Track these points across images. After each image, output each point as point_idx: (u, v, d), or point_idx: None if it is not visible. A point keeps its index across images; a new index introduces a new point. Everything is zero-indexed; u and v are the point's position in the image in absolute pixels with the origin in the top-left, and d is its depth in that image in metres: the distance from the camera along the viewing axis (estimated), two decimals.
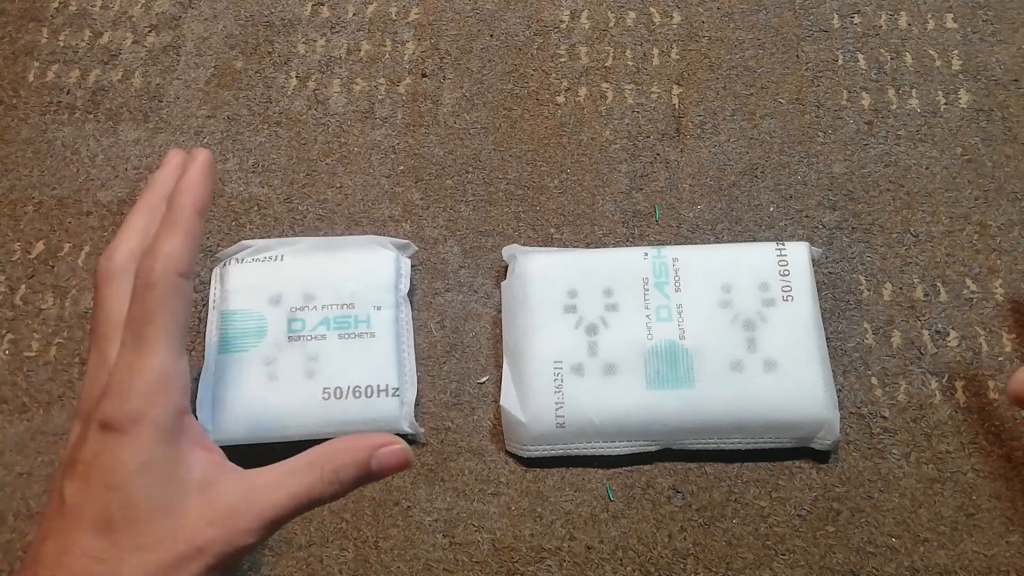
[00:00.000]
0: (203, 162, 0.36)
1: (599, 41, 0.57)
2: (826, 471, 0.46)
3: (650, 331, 0.46)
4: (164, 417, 0.32)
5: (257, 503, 0.32)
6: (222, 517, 0.32)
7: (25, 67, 0.58)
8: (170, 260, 0.34)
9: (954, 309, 0.49)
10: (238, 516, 0.32)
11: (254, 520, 0.32)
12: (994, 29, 0.56)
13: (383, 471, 0.34)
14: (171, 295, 0.33)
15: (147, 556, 0.31)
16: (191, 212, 0.35)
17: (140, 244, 0.36)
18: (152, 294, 0.33)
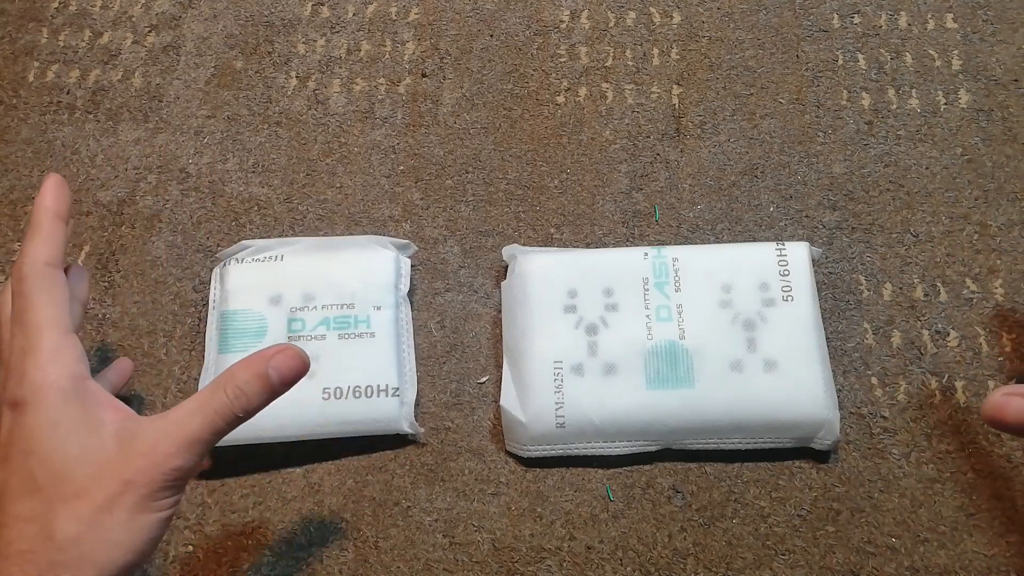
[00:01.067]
0: (53, 179, 0.40)
1: (599, 41, 0.57)
2: (826, 471, 0.46)
3: (650, 331, 0.46)
4: (63, 381, 0.35)
5: (174, 431, 0.34)
6: (144, 451, 0.34)
7: (25, 67, 0.58)
8: (33, 254, 0.37)
9: (954, 309, 0.49)
10: (159, 445, 0.34)
11: (175, 444, 0.34)
12: (994, 29, 0.56)
13: (282, 377, 0.36)
14: (42, 282, 0.37)
15: (76, 503, 0.33)
16: (48, 217, 0.39)
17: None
18: (26, 284, 0.37)
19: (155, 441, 0.34)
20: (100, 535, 0.32)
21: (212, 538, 0.45)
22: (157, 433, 0.34)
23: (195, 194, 0.53)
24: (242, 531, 0.45)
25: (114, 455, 0.34)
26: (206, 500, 0.46)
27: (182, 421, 0.35)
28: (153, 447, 0.34)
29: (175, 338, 0.50)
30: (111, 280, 0.51)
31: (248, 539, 0.45)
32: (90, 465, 0.33)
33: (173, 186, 0.54)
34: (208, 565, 0.45)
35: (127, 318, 0.50)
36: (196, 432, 0.34)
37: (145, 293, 0.51)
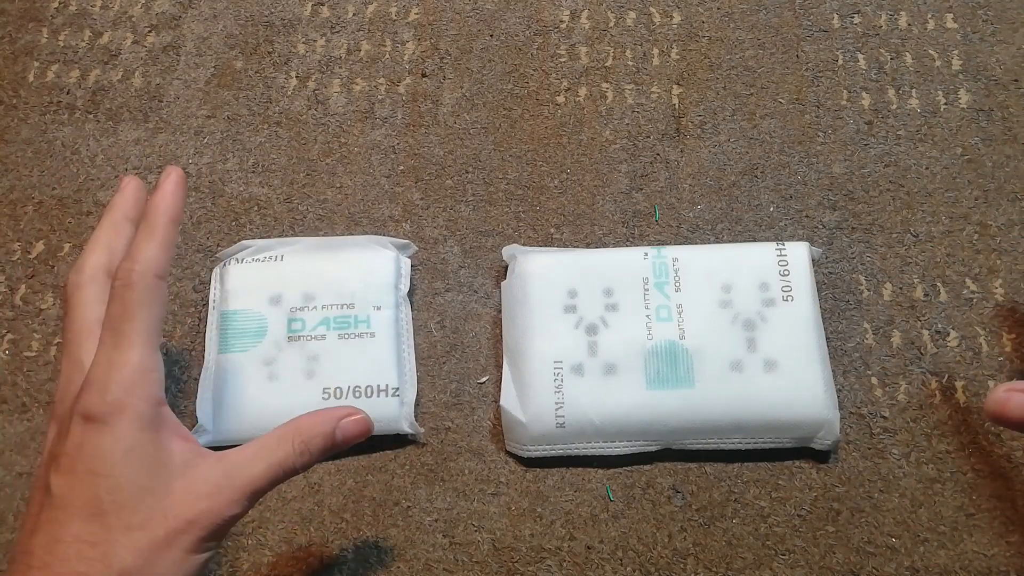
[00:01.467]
0: (176, 178, 0.38)
1: (599, 41, 0.57)
2: (826, 471, 0.46)
3: (650, 331, 0.46)
4: (144, 406, 0.34)
5: (238, 477, 0.34)
6: (208, 492, 0.34)
7: (25, 67, 0.58)
8: (148, 263, 0.36)
9: (954, 309, 0.49)
10: (222, 490, 0.34)
11: (237, 492, 0.34)
12: (994, 29, 0.56)
13: (347, 440, 0.37)
14: (148, 295, 0.35)
15: (138, 535, 0.32)
16: (166, 220, 0.37)
17: (106, 258, 0.39)
18: (131, 294, 0.35)
19: (218, 485, 0.34)
20: (154, 570, 0.32)
21: None
22: (220, 477, 0.34)
23: (195, 194, 0.53)
24: (242, 531, 0.45)
25: (180, 492, 0.33)
26: None
27: (245, 466, 0.35)
28: (217, 491, 0.34)
29: (175, 338, 0.50)
30: None
31: (248, 539, 0.45)
32: (156, 500, 0.33)
33: None
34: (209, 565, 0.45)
35: None
36: (257, 480, 0.35)
37: None
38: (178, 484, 0.34)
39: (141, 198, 0.41)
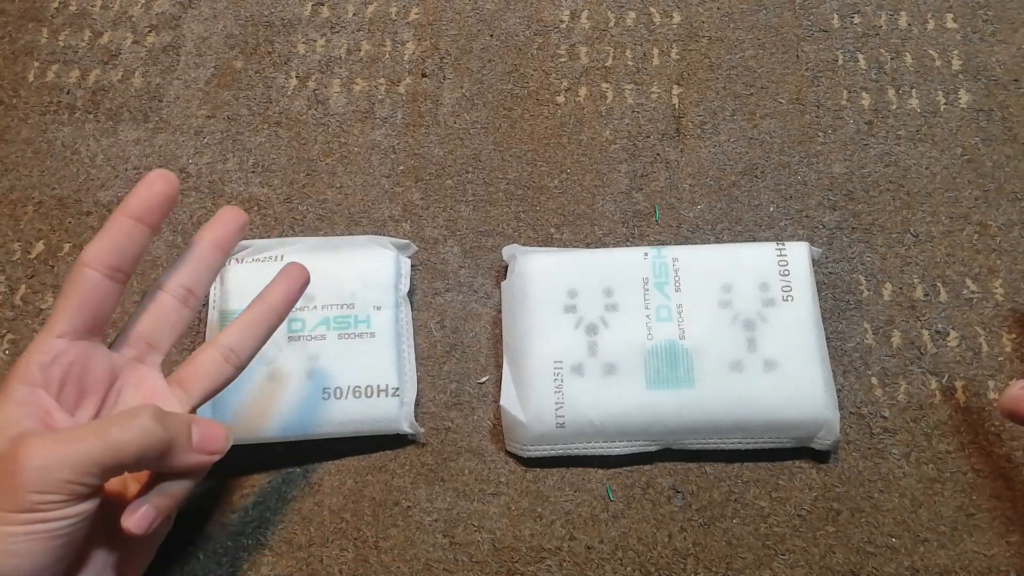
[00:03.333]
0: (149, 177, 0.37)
1: (599, 41, 0.57)
2: (826, 471, 0.46)
3: (650, 331, 0.46)
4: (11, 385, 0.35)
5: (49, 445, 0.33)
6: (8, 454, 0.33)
7: (25, 67, 0.58)
8: (83, 252, 0.36)
9: (954, 309, 0.49)
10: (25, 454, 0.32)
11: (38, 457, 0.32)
12: (994, 29, 0.56)
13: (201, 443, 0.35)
14: (70, 282, 0.36)
15: None
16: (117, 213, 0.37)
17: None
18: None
19: (24, 448, 0.31)
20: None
21: (212, 538, 0.45)
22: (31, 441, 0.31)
23: (195, 194, 0.53)
24: (242, 531, 0.45)
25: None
26: (206, 500, 0.46)
27: (71, 432, 0.32)
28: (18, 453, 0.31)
29: None
30: None
31: (248, 539, 0.45)
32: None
33: None
34: (208, 565, 0.45)
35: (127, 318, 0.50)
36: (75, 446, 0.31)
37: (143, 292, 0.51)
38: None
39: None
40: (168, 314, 0.39)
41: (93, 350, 0.36)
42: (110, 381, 0.37)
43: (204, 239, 0.39)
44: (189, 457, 0.34)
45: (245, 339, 0.39)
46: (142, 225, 0.37)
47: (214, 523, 0.46)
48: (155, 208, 0.37)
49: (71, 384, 0.36)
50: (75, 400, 0.36)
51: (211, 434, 0.35)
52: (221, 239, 0.40)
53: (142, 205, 0.36)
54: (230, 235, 0.40)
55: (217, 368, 0.38)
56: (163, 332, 0.39)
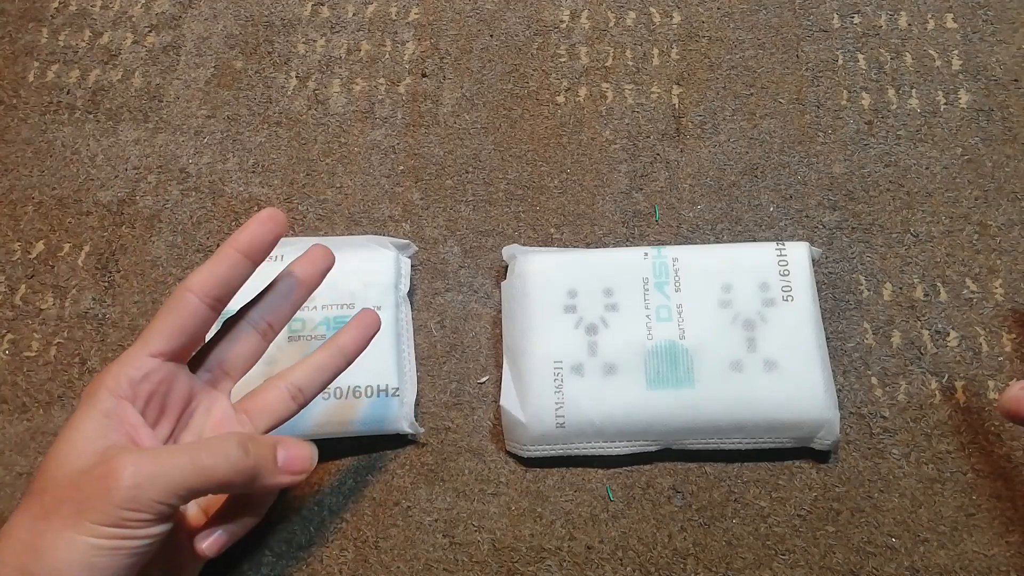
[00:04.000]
0: (261, 215, 0.38)
1: (599, 41, 0.57)
2: (826, 471, 0.46)
3: (650, 331, 0.46)
4: (104, 396, 0.35)
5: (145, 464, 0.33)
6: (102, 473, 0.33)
7: (25, 67, 0.58)
8: (188, 279, 0.37)
9: (954, 309, 0.49)
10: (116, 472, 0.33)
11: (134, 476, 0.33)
12: (994, 29, 0.56)
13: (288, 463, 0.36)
14: (172, 304, 0.36)
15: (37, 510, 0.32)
16: (225, 246, 0.38)
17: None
18: (164, 303, 0.37)
19: (115, 462, 0.32)
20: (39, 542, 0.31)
21: None
22: (125, 456, 0.32)
23: (195, 194, 0.53)
24: None
25: (85, 467, 0.32)
26: None
27: (166, 451, 0.33)
28: (110, 467, 0.32)
29: None
30: (111, 280, 0.51)
31: (248, 539, 0.45)
32: (72, 472, 0.32)
33: (173, 186, 0.54)
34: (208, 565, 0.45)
35: (127, 318, 0.50)
36: (169, 465, 0.32)
37: (145, 293, 0.51)
38: (85, 466, 0.32)
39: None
40: (247, 345, 0.39)
41: (179, 371, 0.37)
42: (187, 402, 0.38)
43: (293, 276, 0.40)
44: (276, 478, 0.35)
45: (314, 381, 0.40)
46: (247, 260, 0.38)
47: None
48: (264, 246, 0.38)
49: (155, 402, 0.36)
50: (155, 418, 0.37)
51: (297, 455, 0.36)
52: (307, 279, 0.40)
53: (252, 241, 0.38)
54: (318, 275, 0.41)
55: (284, 405, 0.39)
56: (239, 362, 0.40)
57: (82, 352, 0.50)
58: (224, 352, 0.39)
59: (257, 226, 0.38)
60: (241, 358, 0.39)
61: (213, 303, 0.37)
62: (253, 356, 0.40)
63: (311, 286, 0.40)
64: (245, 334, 0.39)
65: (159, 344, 0.36)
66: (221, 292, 0.37)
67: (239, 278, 0.38)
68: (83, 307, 0.51)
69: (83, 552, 0.31)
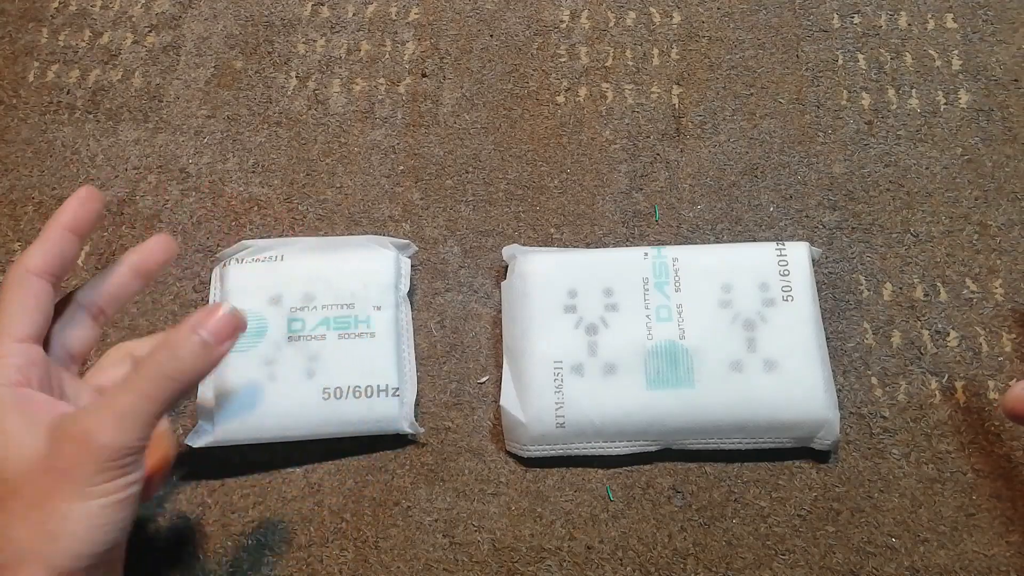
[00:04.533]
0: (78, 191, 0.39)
1: (599, 41, 0.57)
2: (826, 471, 0.46)
3: (650, 331, 0.46)
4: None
5: (102, 410, 0.34)
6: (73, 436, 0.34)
7: (25, 67, 0.58)
8: (22, 259, 0.36)
9: (954, 309, 0.49)
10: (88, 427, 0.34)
11: (102, 422, 0.34)
12: (994, 29, 0.56)
13: (217, 337, 0.35)
14: (15, 287, 0.36)
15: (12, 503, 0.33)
16: (53, 223, 0.38)
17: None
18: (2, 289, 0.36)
19: (84, 425, 0.33)
20: (39, 529, 0.32)
21: (212, 538, 0.45)
22: (87, 417, 0.33)
23: (195, 194, 0.53)
24: (242, 531, 0.45)
25: (44, 448, 0.33)
26: (206, 500, 0.46)
27: (112, 398, 0.33)
28: (83, 431, 0.32)
29: None
30: None
31: (248, 539, 0.45)
32: (24, 463, 0.32)
33: (173, 186, 0.54)
34: (208, 565, 0.45)
35: (127, 318, 0.50)
36: (126, 405, 0.33)
37: (145, 293, 0.51)
38: (43, 443, 0.33)
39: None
40: (83, 328, 0.39)
41: (45, 355, 0.37)
42: (61, 382, 0.38)
43: (129, 264, 0.40)
44: (221, 351, 0.35)
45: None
46: (75, 236, 0.38)
47: (214, 523, 0.46)
48: (86, 222, 0.38)
49: (45, 384, 0.36)
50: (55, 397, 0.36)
51: (217, 327, 0.35)
52: (144, 268, 0.40)
53: (76, 218, 0.38)
54: (155, 266, 0.40)
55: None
56: (80, 344, 0.39)
57: None
58: (64, 335, 0.39)
59: (77, 203, 0.38)
60: (81, 340, 0.39)
61: (53, 280, 0.37)
62: (91, 339, 0.39)
63: (148, 276, 0.40)
64: (80, 316, 0.39)
65: (22, 328, 0.36)
66: (58, 268, 0.37)
67: (71, 253, 0.38)
68: None
69: (97, 515, 0.32)
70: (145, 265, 0.40)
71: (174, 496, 0.46)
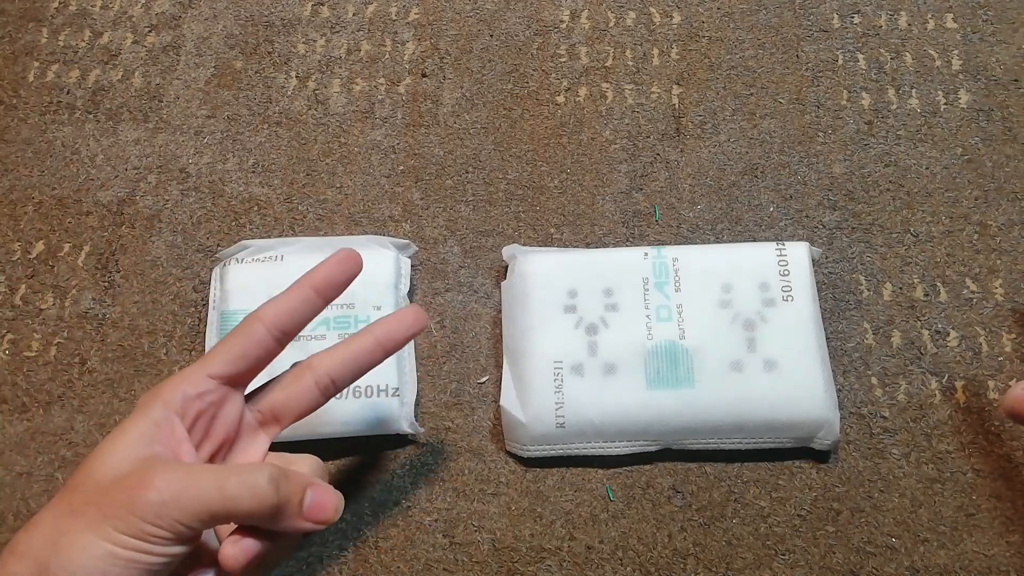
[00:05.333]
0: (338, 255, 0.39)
1: (599, 41, 0.57)
2: (826, 471, 0.46)
3: (650, 331, 0.46)
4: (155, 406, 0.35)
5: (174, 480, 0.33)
6: (132, 484, 0.33)
7: (25, 67, 0.58)
8: (259, 309, 0.37)
9: (954, 309, 0.49)
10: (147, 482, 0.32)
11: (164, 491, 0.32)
12: (994, 29, 0.56)
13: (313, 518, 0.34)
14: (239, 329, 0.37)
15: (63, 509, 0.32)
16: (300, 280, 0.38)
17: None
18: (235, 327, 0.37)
19: (150, 474, 0.31)
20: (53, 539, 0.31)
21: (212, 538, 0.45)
22: (160, 469, 0.32)
23: (195, 194, 0.53)
24: None
25: (113, 475, 0.32)
26: None
27: (198, 474, 0.32)
28: (143, 478, 0.31)
29: (175, 338, 0.50)
30: (111, 280, 0.51)
31: None
32: (106, 476, 0.32)
33: (173, 186, 0.54)
34: None
35: (127, 318, 0.50)
36: (195, 488, 0.31)
37: (145, 293, 0.51)
38: (116, 476, 0.32)
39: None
40: (305, 396, 0.38)
41: (234, 398, 0.37)
42: (233, 432, 0.37)
43: (373, 336, 0.39)
44: (297, 523, 0.34)
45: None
46: (319, 298, 0.38)
47: None
48: (337, 286, 0.38)
49: (203, 422, 0.36)
50: (200, 439, 0.36)
51: (322, 502, 0.35)
52: (386, 341, 0.39)
53: (327, 280, 0.38)
54: (402, 340, 0.39)
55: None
56: (292, 410, 0.38)
57: (82, 352, 0.50)
58: (280, 396, 0.38)
59: (334, 265, 0.38)
60: (295, 406, 0.38)
61: (280, 336, 0.37)
62: (308, 408, 0.39)
63: (389, 350, 0.39)
64: (306, 385, 0.38)
65: (220, 367, 0.36)
66: (289, 326, 0.37)
67: (309, 314, 0.37)
68: (83, 307, 0.51)
69: (99, 557, 0.31)
70: (391, 341, 0.39)
71: None
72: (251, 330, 0.36)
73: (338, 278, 0.38)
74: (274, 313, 0.36)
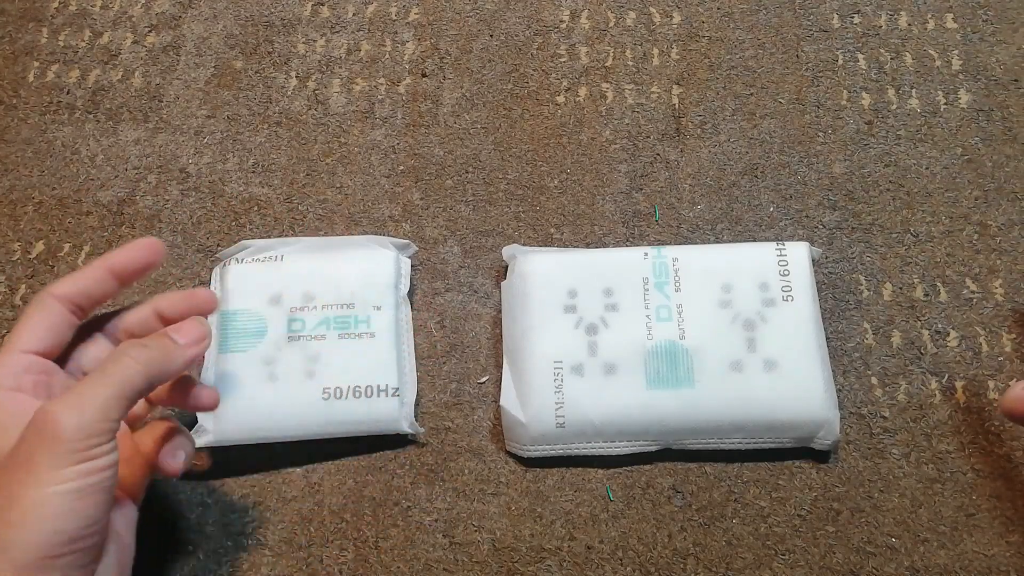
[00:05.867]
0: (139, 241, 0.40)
1: (599, 41, 0.57)
2: (826, 471, 0.46)
3: (650, 331, 0.46)
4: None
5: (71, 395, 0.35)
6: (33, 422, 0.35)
7: (25, 67, 0.58)
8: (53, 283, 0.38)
9: (954, 309, 0.49)
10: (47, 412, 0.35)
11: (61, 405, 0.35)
12: (994, 29, 0.56)
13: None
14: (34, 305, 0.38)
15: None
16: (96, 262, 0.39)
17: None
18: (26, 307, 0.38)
19: (47, 411, 0.33)
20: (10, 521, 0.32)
21: (212, 538, 0.45)
22: (52, 404, 0.33)
23: (195, 194, 0.53)
24: (242, 531, 0.45)
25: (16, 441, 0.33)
26: (206, 500, 0.46)
27: (77, 385, 0.34)
28: (44, 418, 0.33)
29: None
30: None
31: (248, 539, 0.45)
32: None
33: (173, 186, 0.54)
34: (208, 565, 0.45)
35: None
36: (87, 390, 0.34)
37: (145, 293, 0.51)
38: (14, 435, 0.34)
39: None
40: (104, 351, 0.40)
41: (55, 368, 0.38)
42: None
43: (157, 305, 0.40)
44: (185, 353, 0.37)
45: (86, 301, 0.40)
46: (115, 280, 0.39)
47: (214, 523, 0.46)
48: (135, 272, 0.40)
49: (41, 391, 0.37)
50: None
51: (189, 328, 0.38)
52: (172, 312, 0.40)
53: (125, 265, 0.39)
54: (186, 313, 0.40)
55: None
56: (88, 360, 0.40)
57: None
58: (83, 355, 0.40)
59: (133, 251, 0.39)
60: (98, 362, 0.40)
61: (75, 310, 0.38)
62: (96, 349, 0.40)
63: (171, 320, 0.40)
64: (103, 341, 0.40)
65: (29, 343, 0.37)
66: (84, 303, 0.38)
67: (103, 294, 0.39)
68: None
69: (56, 504, 0.32)
70: (175, 311, 0.40)
71: (174, 496, 0.46)
72: (47, 305, 0.38)
73: (136, 263, 0.39)
74: (64, 290, 0.38)
